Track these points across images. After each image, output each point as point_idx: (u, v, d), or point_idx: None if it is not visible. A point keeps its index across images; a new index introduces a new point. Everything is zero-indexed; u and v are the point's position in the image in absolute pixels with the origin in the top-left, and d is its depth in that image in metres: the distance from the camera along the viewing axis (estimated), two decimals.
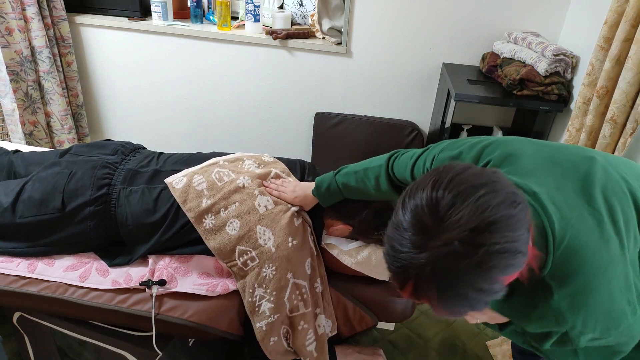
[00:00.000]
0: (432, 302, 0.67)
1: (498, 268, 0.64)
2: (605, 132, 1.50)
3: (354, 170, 1.23)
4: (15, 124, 2.31)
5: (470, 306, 0.67)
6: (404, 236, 0.68)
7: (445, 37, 2.23)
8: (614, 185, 0.83)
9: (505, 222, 0.63)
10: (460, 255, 0.63)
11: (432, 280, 0.65)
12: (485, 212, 0.63)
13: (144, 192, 1.33)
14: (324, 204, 1.29)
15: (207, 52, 2.42)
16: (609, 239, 0.78)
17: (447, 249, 0.63)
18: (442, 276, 0.64)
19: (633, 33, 1.43)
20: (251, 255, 1.22)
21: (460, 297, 0.66)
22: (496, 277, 0.64)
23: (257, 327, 1.22)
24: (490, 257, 0.63)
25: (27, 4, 2.17)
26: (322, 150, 2.54)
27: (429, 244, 0.64)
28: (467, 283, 0.64)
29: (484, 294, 0.65)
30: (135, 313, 1.24)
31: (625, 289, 0.78)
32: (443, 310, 0.68)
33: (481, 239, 0.62)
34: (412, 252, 0.66)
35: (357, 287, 1.35)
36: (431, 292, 0.66)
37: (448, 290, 0.65)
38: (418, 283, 0.67)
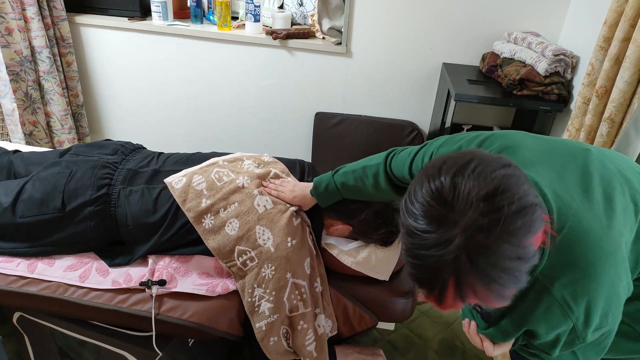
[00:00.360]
0: (478, 292, 0.64)
1: (525, 227, 0.63)
2: (603, 131, 1.50)
3: (352, 169, 1.22)
4: (15, 124, 2.32)
5: (514, 281, 0.65)
6: (423, 239, 0.65)
7: (445, 37, 2.23)
8: (610, 175, 0.85)
9: (508, 182, 0.64)
10: (486, 227, 0.62)
11: (470, 267, 0.63)
12: (487, 179, 0.64)
13: (143, 192, 1.33)
14: (322, 204, 1.29)
15: (207, 52, 2.42)
16: (611, 227, 0.79)
17: (472, 228, 0.62)
18: (479, 257, 0.62)
19: (632, 33, 1.43)
20: (250, 255, 1.22)
21: (503, 274, 0.63)
22: (526, 239, 0.63)
23: (256, 327, 1.22)
24: (514, 218, 0.62)
25: (27, 4, 2.17)
26: (322, 150, 2.54)
27: (452, 232, 0.63)
28: (505, 255, 0.62)
29: (522, 261, 0.64)
30: (135, 313, 1.24)
31: (624, 274, 0.79)
32: (491, 296, 0.65)
33: (497, 203, 0.62)
34: (439, 249, 0.64)
35: (357, 287, 1.35)
36: (474, 281, 0.64)
37: (490, 270, 0.63)
38: (458, 278, 0.64)
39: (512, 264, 0.63)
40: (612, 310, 0.79)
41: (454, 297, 0.66)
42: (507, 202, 0.63)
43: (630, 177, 0.87)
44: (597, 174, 0.84)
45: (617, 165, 0.88)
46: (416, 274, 0.68)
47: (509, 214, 0.62)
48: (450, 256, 0.63)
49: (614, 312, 0.80)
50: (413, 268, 0.68)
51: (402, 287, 1.36)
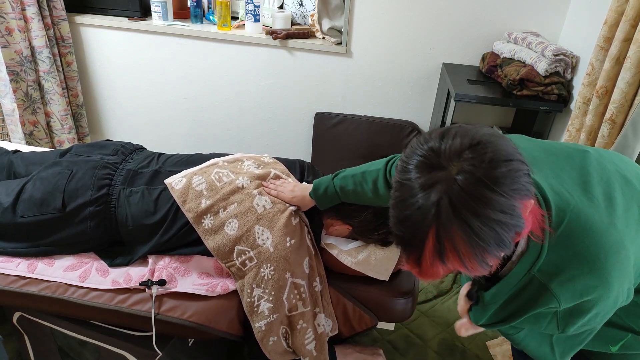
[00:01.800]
0: (458, 248, 0.63)
1: (509, 178, 0.63)
2: (604, 132, 1.50)
3: (352, 173, 1.22)
4: (15, 124, 2.32)
5: (497, 241, 0.63)
6: (410, 186, 0.65)
7: (445, 37, 2.23)
8: (609, 176, 0.84)
9: (492, 138, 0.66)
10: (470, 172, 0.62)
11: (452, 213, 0.62)
12: (473, 135, 0.66)
13: (144, 193, 1.33)
14: (321, 207, 1.29)
15: (207, 52, 2.42)
16: (613, 225, 0.77)
17: (456, 173, 0.62)
18: (461, 202, 0.61)
19: (633, 33, 1.43)
20: (249, 255, 1.22)
21: (484, 226, 0.62)
22: (511, 192, 0.62)
23: (256, 327, 1.22)
24: (497, 164, 0.62)
25: (27, 4, 2.17)
26: (322, 150, 2.54)
27: (437, 176, 0.63)
28: (487, 202, 0.61)
29: (506, 217, 0.62)
30: (135, 313, 1.24)
31: (626, 278, 0.77)
32: (473, 256, 0.63)
33: (480, 151, 0.63)
34: (424, 194, 0.63)
35: (357, 287, 1.35)
36: (455, 232, 0.62)
37: (471, 218, 0.61)
38: (439, 229, 0.63)
39: (495, 215, 0.62)
40: (605, 312, 0.78)
41: (433, 254, 0.64)
42: (491, 150, 0.63)
43: (630, 177, 0.86)
44: (595, 174, 0.83)
45: (617, 166, 0.87)
46: (399, 229, 0.68)
47: (492, 160, 0.63)
48: (433, 199, 0.62)
49: (604, 315, 0.78)
50: (397, 223, 0.68)
51: (402, 287, 1.36)
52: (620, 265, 0.75)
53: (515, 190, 0.63)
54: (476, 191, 0.61)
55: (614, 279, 0.75)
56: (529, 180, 0.66)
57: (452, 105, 1.94)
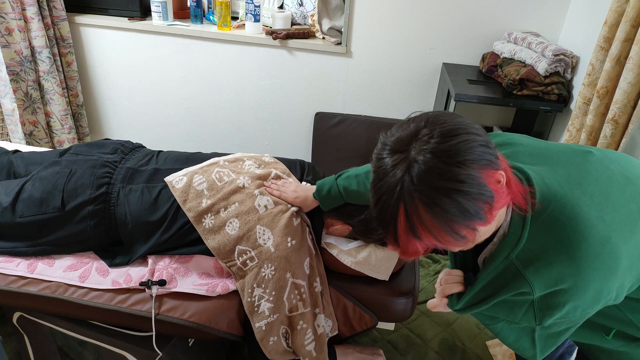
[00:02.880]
0: (425, 222, 0.67)
1: (463, 147, 0.66)
2: (607, 133, 1.50)
3: (355, 173, 1.23)
4: (15, 124, 2.32)
5: (461, 211, 0.66)
6: (382, 169, 0.71)
7: (445, 37, 2.23)
8: (609, 175, 0.83)
9: (441, 117, 0.71)
10: (425, 149, 0.67)
11: (413, 188, 0.66)
12: (426, 117, 0.72)
13: (143, 191, 1.33)
14: (324, 208, 1.29)
15: (207, 52, 2.42)
16: (604, 220, 0.77)
17: (415, 150, 0.68)
18: (419, 176, 0.66)
19: (633, 33, 1.43)
20: (250, 255, 1.22)
21: (445, 197, 0.65)
22: (467, 161, 0.66)
23: (256, 327, 1.22)
24: (449, 136, 0.67)
25: (27, 4, 2.17)
26: (322, 150, 2.54)
27: (401, 156, 0.69)
28: (442, 173, 0.65)
29: (465, 186, 0.65)
30: (135, 313, 1.24)
31: (615, 272, 0.76)
32: (441, 228, 0.67)
33: (431, 127, 0.69)
34: (390, 174, 0.69)
35: (357, 287, 1.35)
36: (419, 206, 0.66)
37: (430, 191, 0.66)
38: (405, 205, 0.67)
39: (452, 185, 0.65)
40: (585, 307, 0.77)
41: (405, 230, 0.69)
42: (440, 126, 0.69)
43: (634, 179, 0.85)
44: (594, 172, 0.83)
45: (622, 168, 0.86)
46: (376, 211, 0.72)
47: (442, 134, 0.67)
48: (397, 178, 0.68)
49: (584, 310, 0.77)
50: (373, 206, 0.72)
51: (402, 287, 1.36)
52: (603, 259, 0.75)
53: (471, 160, 0.66)
54: (432, 165, 0.66)
55: (593, 271, 0.74)
56: (487, 150, 0.69)
57: (452, 105, 1.94)
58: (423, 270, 2.17)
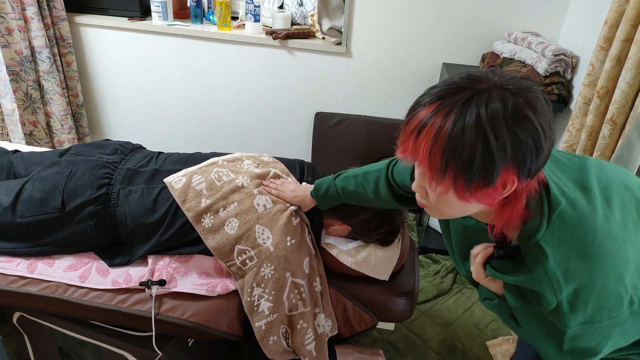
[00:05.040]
0: (448, 119, 0.67)
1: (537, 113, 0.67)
2: (605, 133, 1.50)
3: (353, 174, 1.22)
4: (15, 124, 2.32)
5: (484, 144, 0.66)
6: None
7: (445, 37, 2.23)
8: (607, 179, 0.84)
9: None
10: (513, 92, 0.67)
11: (508, 93, 0.66)
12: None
13: (143, 192, 1.33)
14: (322, 207, 1.29)
15: (207, 52, 2.42)
16: (609, 221, 0.77)
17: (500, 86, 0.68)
18: (511, 95, 0.66)
19: (633, 33, 1.43)
20: (250, 254, 1.22)
21: (488, 127, 0.65)
22: (538, 118, 0.66)
23: (256, 326, 1.22)
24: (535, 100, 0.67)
25: (27, 4, 2.17)
26: (322, 150, 2.54)
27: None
28: (527, 116, 0.66)
29: (527, 135, 0.66)
30: (135, 313, 1.24)
31: (626, 272, 0.76)
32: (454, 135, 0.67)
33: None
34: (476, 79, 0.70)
35: (356, 287, 1.35)
36: (488, 106, 0.66)
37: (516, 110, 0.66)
38: (476, 99, 0.67)
39: (499, 119, 0.65)
40: (608, 305, 0.76)
41: (430, 115, 0.70)
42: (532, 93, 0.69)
43: (631, 185, 0.86)
44: (594, 174, 0.83)
45: (618, 175, 0.87)
46: (441, 84, 0.73)
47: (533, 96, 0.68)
48: (480, 80, 0.69)
49: (610, 309, 0.76)
50: (444, 82, 0.73)
51: (402, 287, 1.36)
52: (614, 255, 0.75)
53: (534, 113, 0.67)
54: (527, 101, 0.67)
55: (607, 267, 0.74)
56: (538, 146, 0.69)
57: None
58: (423, 270, 2.17)
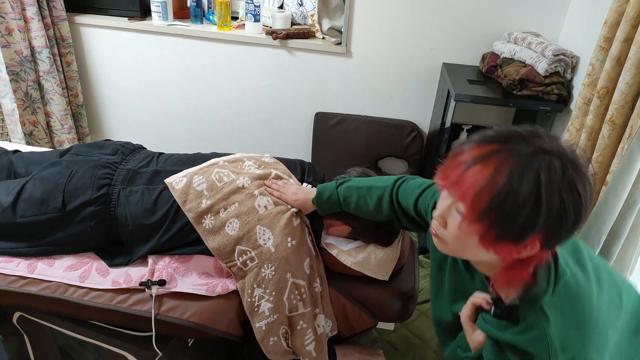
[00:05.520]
0: (497, 169, 0.67)
1: (580, 187, 0.67)
2: (604, 133, 1.50)
3: (357, 185, 1.23)
4: (15, 124, 2.32)
5: (534, 210, 0.66)
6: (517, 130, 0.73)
7: (445, 37, 2.23)
8: (597, 262, 0.87)
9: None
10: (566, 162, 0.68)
11: (562, 160, 0.67)
12: None
13: (143, 193, 1.33)
14: (321, 212, 1.30)
15: (207, 52, 2.42)
16: (601, 300, 0.80)
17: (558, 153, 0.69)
18: (568, 164, 0.68)
19: (633, 33, 1.43)
20: (250, 255, 1.22)
21: (533, 193, 0.66)
22: (579, 190, 0.67)
23: (256, 327, 1.22)
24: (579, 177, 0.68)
25: (27, 4, 2.17)
26: (322, 150, 2.54)
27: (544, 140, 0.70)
28: (574, 184, 0.67)
29: (569, 203, 0.67)
30: (135, 313, 1.24)
31: (606, 350, 0.79)
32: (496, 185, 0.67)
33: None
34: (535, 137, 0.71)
35: (356, 287, 1.35)
36: (515, 163, 0.67)
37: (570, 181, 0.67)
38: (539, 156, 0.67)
39: (568, 193, 0.66)
40: None
41: (478, 157, 0.69)
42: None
43: (612, 272, 0.89)
44: (586, 254, 0.86)
45: (601, 259, 0.92)
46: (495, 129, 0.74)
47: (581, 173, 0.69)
48: (543, 138, 0.70)
49: None
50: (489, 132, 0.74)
51: (402, 287, 1.36)
52: (603, 334, 0.79)
53: (581, 190, 0.68)
54: (581, 171, 0.68)
55: (595, 343, 0.77)
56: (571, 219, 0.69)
57: (452, 105, 1.94)
58: (423, 270, 2.17)
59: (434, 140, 2.25)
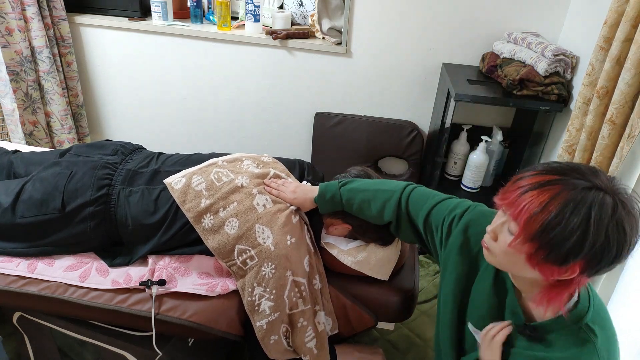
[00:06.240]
0: (555, 203, 0.73)
1: (628, 228, 0.73)
2: (604, 133, 1.50)
3: (361, 188, 1.23)
4: (15, 124, 2.32)
5: (579, 232, 0.72)
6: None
7: (445, 37, 2.23)
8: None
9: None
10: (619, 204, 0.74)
11: (616, 198, 0.73)
12: None
13: (143, 193, 1.33)
14: (322, 211, 1.30)
15: (207, 52, 2.42)
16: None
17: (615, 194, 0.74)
18: (620, 202, 0.73)
19: (633, 33, 1.43)
20: (250, 254, 1.22)
21: (587, 225, 0.71)
22: (622, 231, 0.72)
23: (257, 326, 1.22)
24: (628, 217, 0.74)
25: (27, 4, 2.17)
26: (322, 150, 2.54)
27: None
28: (622, 219, 0.72)
29: (612, 240, 0.72)
30: (135, 313, 1.24)
31: None
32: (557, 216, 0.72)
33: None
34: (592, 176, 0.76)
35: (356, 286, 1.35)
36: (566, 197, 0.73)
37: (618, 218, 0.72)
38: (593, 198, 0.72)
39: (613, 230, 0.72)
40: None
41: (543, 195, 0.74)
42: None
43: None
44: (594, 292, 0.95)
45: None
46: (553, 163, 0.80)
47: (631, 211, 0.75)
48: (602, 179, 0.75)
49: None
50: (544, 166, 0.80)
51: (402, 287, 1.36)
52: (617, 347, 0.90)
53: (623, 234, 0.73)
54: (630, 212, 0.74)
55: (616, 348, 0.88)
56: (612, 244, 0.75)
57: (452, 105, 1.94)
58: (423, 270, 2.17)
59: (433, 140, 2.25)
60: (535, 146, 2.10)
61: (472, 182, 2.20)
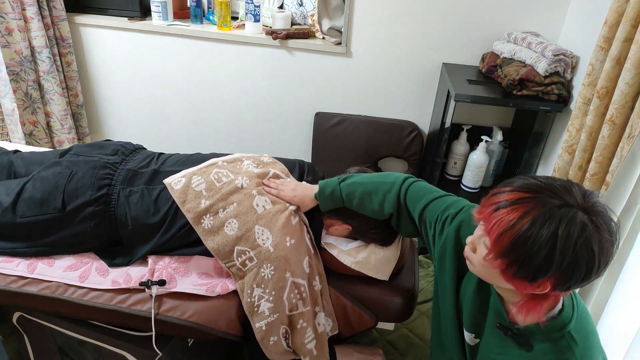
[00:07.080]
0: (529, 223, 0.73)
1: (605, 241, 0.74)
2: (604, 133, 1.50)
3: (361, 181, 1.23)
4: (15, 124, 2.32)
5: (558, 257, 0.72)
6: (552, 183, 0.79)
7: (445, 37, 2.23)
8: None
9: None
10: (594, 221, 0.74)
11: (589, 217, 0.73)
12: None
13: (143, 193, 1.33)
14: (323, 209, 1.29)
15: (207, 52, 2.42)
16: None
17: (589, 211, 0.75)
18: (596, 217, 0.74)
19: (633, 33, 1.43)
20: (249, 255, 1.22)
21: (571, 250, 0.72)
22: (601, 244, 0.73)
23: (256, 327, 1.22)
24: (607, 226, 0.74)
25: (27, 4, 2.17)
26: (322, 150, 2.54)
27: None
28: (598, 235, 0.73)
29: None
30: (134, 313, 1.24)
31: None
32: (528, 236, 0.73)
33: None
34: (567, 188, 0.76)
35: (356, 287, 1.35)
36: (542, 218, 0.73)
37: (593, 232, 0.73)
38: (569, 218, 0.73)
39: (587, 245, 0.72)
40: None
41: (512, 202, 0.76)
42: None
43: None
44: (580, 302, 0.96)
45: None
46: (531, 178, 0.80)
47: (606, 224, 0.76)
48: (576, 191, 0.76)
49: None
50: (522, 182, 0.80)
51: (402, 287, 1.36)
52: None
53: (603, 248, 0.74)
54: (604, 225, 0.74)
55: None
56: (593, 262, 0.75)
57: (452, 105, 1.94)
58: (423, 270, 2.17)
59: (433, 141, 2.25)
60: (535, 146, 2.10)
61: (472, 182, 2.21)
